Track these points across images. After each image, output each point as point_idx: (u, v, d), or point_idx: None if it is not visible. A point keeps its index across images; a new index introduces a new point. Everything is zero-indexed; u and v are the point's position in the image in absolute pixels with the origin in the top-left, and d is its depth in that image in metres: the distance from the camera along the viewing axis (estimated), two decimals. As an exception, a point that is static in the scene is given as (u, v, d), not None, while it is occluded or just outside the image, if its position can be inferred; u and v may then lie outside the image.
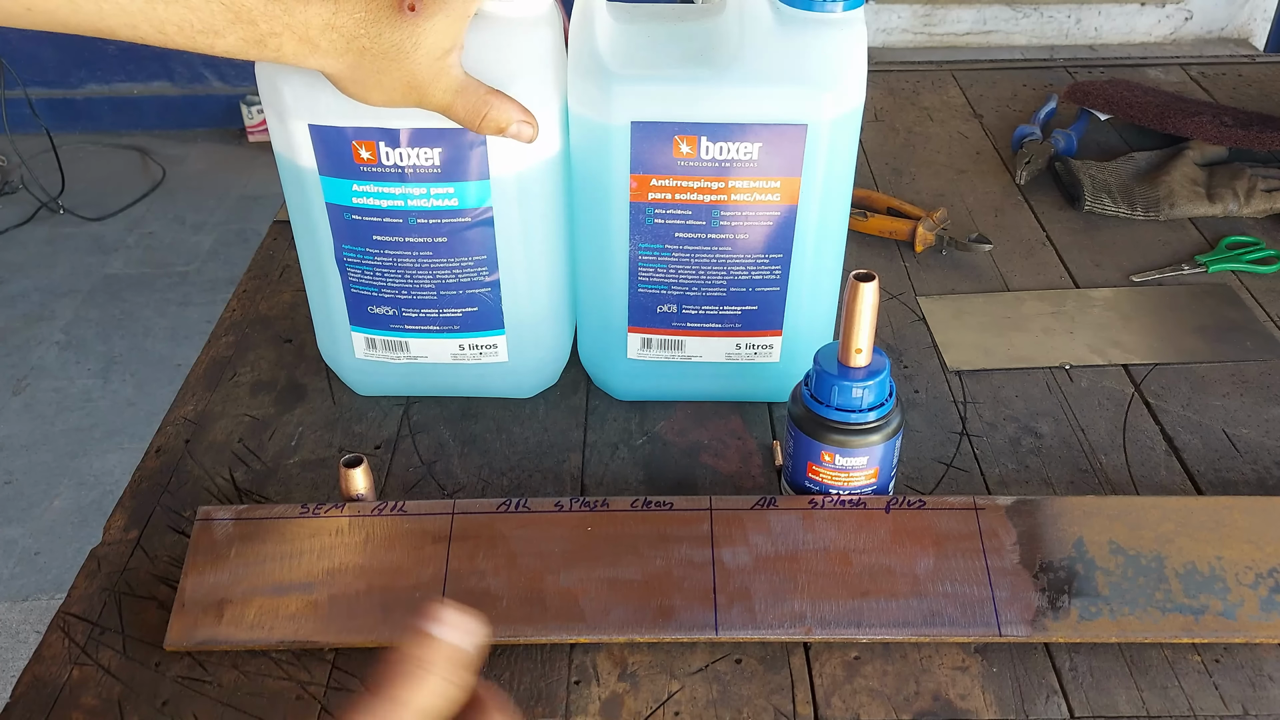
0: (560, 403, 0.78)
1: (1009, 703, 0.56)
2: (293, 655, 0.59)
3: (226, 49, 0.58)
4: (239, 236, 2.64)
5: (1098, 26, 2.71)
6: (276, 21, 0.57)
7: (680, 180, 0.66)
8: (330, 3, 0.58)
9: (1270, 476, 0.71)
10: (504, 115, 0.63)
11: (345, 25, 0.58)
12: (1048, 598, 0.59)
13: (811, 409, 0.62)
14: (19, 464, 2.00)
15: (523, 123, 0.64)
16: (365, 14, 0.58)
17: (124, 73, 3.04)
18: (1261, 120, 1.09)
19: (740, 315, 0.72)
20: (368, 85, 0.61)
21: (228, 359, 0.82)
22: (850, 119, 0.66)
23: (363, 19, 0.58)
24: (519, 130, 0.64)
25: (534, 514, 0.64)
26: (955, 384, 0.79)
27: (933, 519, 0.63)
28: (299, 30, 0.58)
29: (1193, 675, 0.58)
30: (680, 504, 0.64)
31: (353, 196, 0.67)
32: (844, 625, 0.59)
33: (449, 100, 0.62)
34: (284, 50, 0.59)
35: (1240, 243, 0.94)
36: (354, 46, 0.59)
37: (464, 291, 0.71)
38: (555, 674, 0.58)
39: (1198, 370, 0.80)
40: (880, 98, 1.24)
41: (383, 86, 0.61)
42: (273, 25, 0.57)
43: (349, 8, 0.58)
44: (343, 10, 0.58)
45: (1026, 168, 1.05)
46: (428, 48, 0.59)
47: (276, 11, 0.57)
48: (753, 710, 0.56)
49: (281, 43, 0.58)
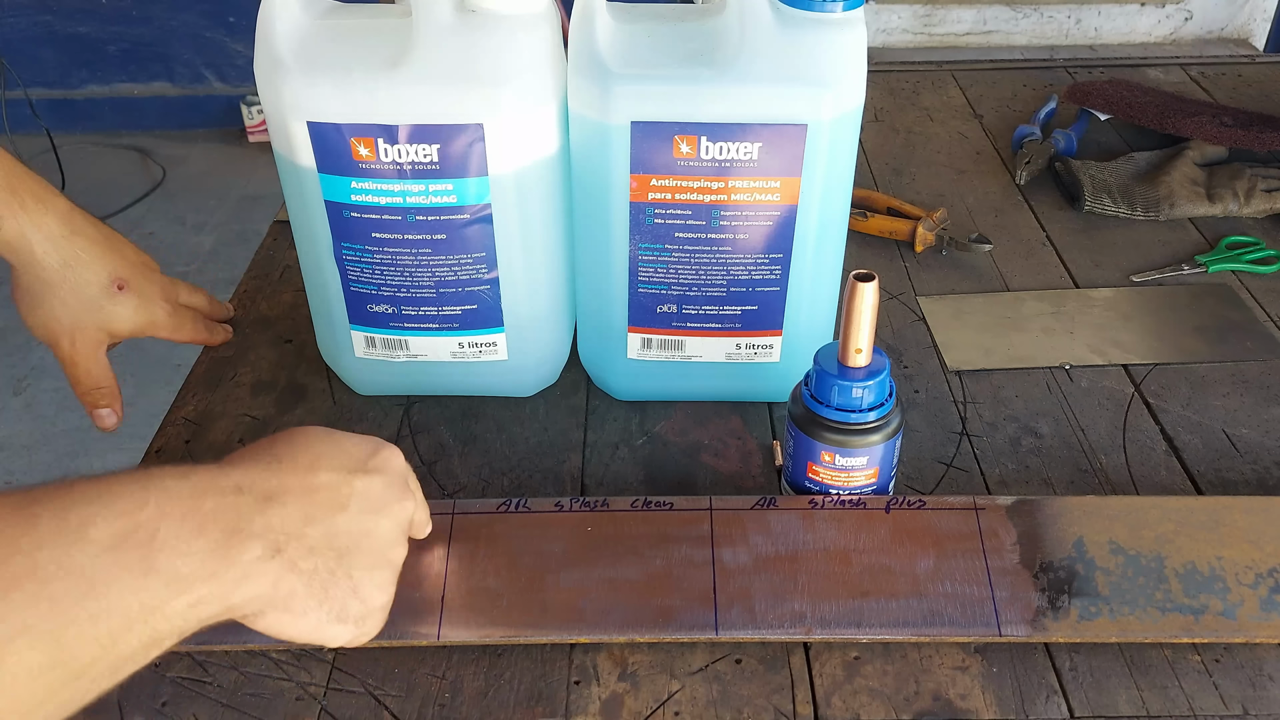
0: (560, 403, 0.78)
1: (1009, 703, 0.56)
2: (293, 655, 0.59)
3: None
4: (239, 237, 2.63)
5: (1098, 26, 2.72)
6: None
7: (680, 180, 0.66)
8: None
9: (1270, 476, 0.71)
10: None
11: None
12: (1048, 598, 0.59)
13: (811, 409, 0.62)
14: (19, 464, 2.00)
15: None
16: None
17: (124, 73, 3.04)
18: (1261, 120, 1.09)
19: (740, 315, 0.72)
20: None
21: (228, 359, 0.82)
22: (850, 119, 0.66)
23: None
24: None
25: (534, 514, 0.64)
26: (955, 384, 0.79)
27: (933, 519, 0.63)
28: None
29: (1193, 675, 0.58)
30: (680, 504, 0.64)
31: (351, 194, 0.67)
32: (844, 625, 0.59)
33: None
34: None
35: (1240, 243, 0.94)
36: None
37: (463, 289, 0.71)
38: (555, 674, 0.58)
39: (1198, 370, 0.80)
40: (880, 98, 1.24)
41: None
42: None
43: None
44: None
45: (1026, 168, 1.05)
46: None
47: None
48: (753, 710, 0.56)
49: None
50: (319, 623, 0.49)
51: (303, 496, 0.48)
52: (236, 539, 0.44)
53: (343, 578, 0.49)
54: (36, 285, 0.72)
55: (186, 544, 0.42)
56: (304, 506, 0.48)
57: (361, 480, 0.51)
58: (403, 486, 0.54)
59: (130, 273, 0.75)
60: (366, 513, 0.51)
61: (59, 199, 0.71)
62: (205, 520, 0.43)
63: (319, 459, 0.51)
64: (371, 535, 0.51)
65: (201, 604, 0.42)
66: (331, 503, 0.49)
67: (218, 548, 0.43)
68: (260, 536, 0.45)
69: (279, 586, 0.46)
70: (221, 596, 0.43)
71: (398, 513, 0.53)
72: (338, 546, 0.49)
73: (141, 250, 0.78)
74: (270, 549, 0.45)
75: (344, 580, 0.49)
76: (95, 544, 0.39)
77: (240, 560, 0.44)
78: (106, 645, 0.39)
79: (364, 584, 0.50)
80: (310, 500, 0.48)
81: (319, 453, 0.51)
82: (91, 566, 0.39)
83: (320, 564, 0.48)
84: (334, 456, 0.51)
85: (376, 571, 0.51)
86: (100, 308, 0.74)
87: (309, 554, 0.47)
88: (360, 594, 0.50)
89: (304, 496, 0.48)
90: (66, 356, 0.75)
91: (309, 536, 0.48)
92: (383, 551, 0.52)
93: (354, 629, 0.51)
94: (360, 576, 0.50)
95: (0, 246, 0.70)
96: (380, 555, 0.52)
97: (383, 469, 0.53)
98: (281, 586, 0.46)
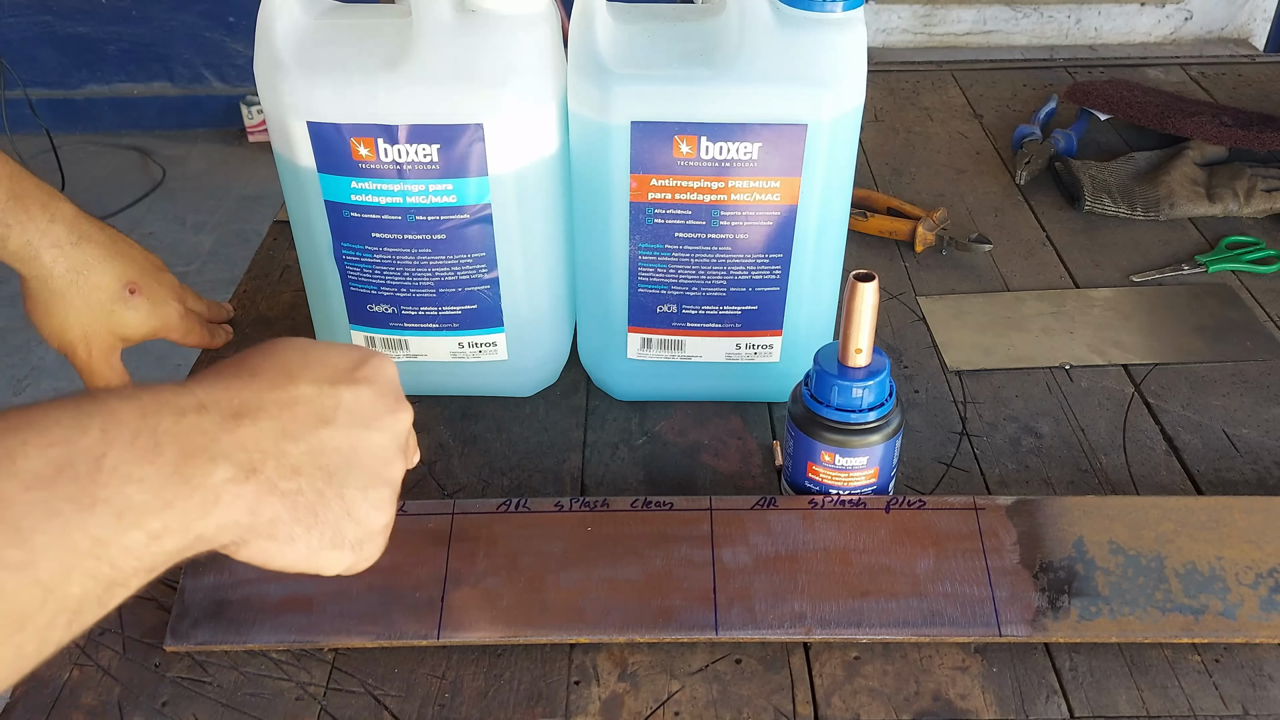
0: (560, 403, 0.78)
1: (1009, 703, 0.56)
2: (293, 655, 0.59)
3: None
4: (239, 237, 2.63)
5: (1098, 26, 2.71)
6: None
7: (680, 180, 0.66)
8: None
9: (1270, 476, 0.71)
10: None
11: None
12: (1048, 598, 0.59)
13: (811, 409, 0.62)
14: (19, 464, 2.00)
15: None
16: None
17: (124, 73, 3.04)
18: (1261, 120, 1.09)
19: (740, 315, 0.72)
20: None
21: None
22: (850, 119, 0.66)
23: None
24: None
25: (534, 514, 0.64)
26: (955, 384, 0.79)
27: (933, 519, 0.63)
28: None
29: (1193, 675, 0.58)
30: (680, 504, 0.64)
31: (351, 194, 0.67)
32: (844, 625, 0.59)
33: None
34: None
35: (1240, 243, 0.94)
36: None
37: (463, 289, 0.71)
38: (555, 674, 0.58)
39: (1198, 370, 0.80)
40: (880, 98, 1.24)
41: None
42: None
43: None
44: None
45: (1026, 168, 1.05)
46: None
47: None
48: (753, 710, 0.56)
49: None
50: (311, 549, 0.44)
51: (280, 411, 0.43)
52: (197, 461, 0.39)
53: (333, 499, 0.44)
54: (46, 294, 0.71)
55: (136, 469, 0.36)
56: (281, 421, 0.43)
57: (348, 391, 0.46)
58: (395, 397, 0.49)
59: (140, 276, 0.75)
60: (355, 426, 0.45)
61: (65, 205, 0.71)
62: (160, 441, 0.37)
63: (298, 371, 0.45)
64: (363, 450, 0.46)
65: (164, 536, 0.37)
66: (314, 416, 0.44)
67: (175, 472, 0.38)
68: (228, 457, 0.40)
69: (259, 511, 0.41)
70: (185, 527, 0.38)
71: (391, 425, 0.48)
72: (325, 465, 0.44)
73: (149, 251, 0.78)
74: (243, 470, 0.40)
75: (335, 501, 0.44)
76: (25, 477, 0.34)
77: (205, 484, 0.39)
78: (45, 593, 0.34)
79: (358, 504, 0.45)
80: (289, 414, 0.43)
81: (298, 363, 0.46)
82: (20, 503, 0.34)
83: (305, 484, 0.43)
84: (315, 367, 0.46)
85: (372, 490, 0.46)
86: (111, 313, 0.74)
87: (291, 474, 0.42)
88: (355, 515, 0.45)
89: (281, 410, 0.43)
90: (82, 363, 0.75)
91: (289, 454, 0.42)
92: (377, 469, 0.47)
93: (351, 554, 0.46)
94: (353, 496, 0.45)
95: (8, 257, 0.69)
96: (374, 472, 0.46)
97: (372, 379, 0.47)
98: (262, 511, 0.41)
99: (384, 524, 0.48)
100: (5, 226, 0.68)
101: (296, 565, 0.45)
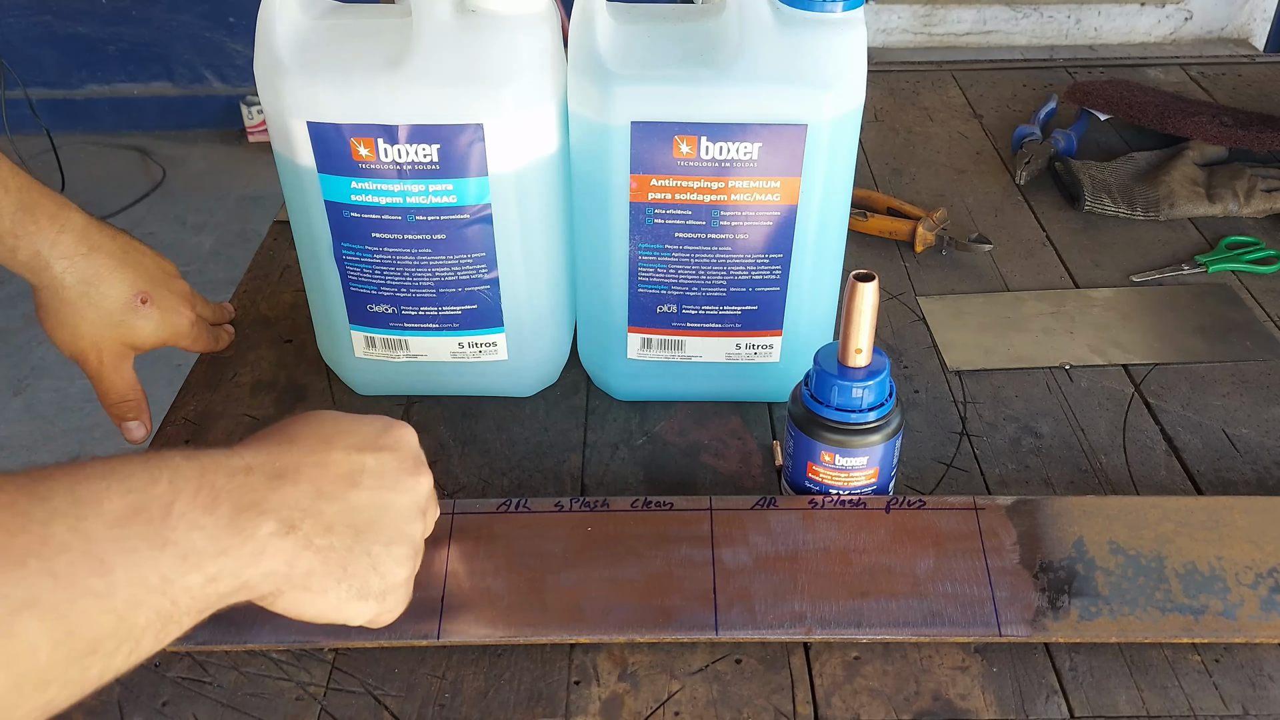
0: (560, 403, 0.78)
1: (1009, 703, 0.56)
2: (293, 656, 0.59)
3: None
4: (239, 237, 2.64)
5: (1098, 26, 2.71)
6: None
7: (680, 180, 0.66)
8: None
9: (1270, 476, 0.71)
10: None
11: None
12: (1048, 598, 0.59)
13: (811, 409, 0.62)
14: (19, 464, 1.98)
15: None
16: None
17: (124, 73, 3.04)
18: (1261, 120, 1.09)
19: (740, 315, 0.72)
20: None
21: (228, 359, 0.82)
22: (850, 119, 0.66)
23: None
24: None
25: (534, 514, 0.64)
26: (955, 384, 0.79)
27: (933, 519, 0.63)
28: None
29: (1193, 675, 0.58)
30: (680, 504, 0.64)
31: (351, 194, 0.67)
32: (844, 625, 0.59)
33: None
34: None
35: (1240, 243, 0.94)
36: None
37: (463, 289, 0.71)
38: (555, 674, 0.58)
39: (1198, 370, 0.80)
40: (880, 98, 1.24)
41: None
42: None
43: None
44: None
45: (1026, 168, 1.05)
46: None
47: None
48: (753, 710, 0.56)
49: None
50: (339, 601, 0.49)
51: (315, 473, 0.48)
52: (248, 515, 0.44)
53: (361, 554, 0.49)
54: (58, 304, 0.71)
55: (199, 518, 0.41)
56: (316, 483, 0.48)
57: (373, 457, 0.51)
58: (416, 463, 0.54)
59: (152, 285, 0.74)
60: (380, 489, 0.51)
61: (76, 215, 0.70)
62: (217, 496, 0.43)
63: (330, 438, 0.51)
64: (387, 511, 0.51)
65: (217, 580, 0.42)
66: (344, 479, 0.49)
67: (230, 523, 0.43)
68: (273, 513, 0.45)
69: (295, 564, 0.46)
70: (236, 572, 0.43)
71: (412, 488, 0.53)
72: (354, 523, 0.49)
73: (161, 256, 0.77)
74: (284, 525, 0.45)
75: (362, 556, 0.49)
76: (108, 517, 0.39)
77: (254, 535, 0.44)
78: (118, 621, 0.38)
79: (383, 560, 0.50)
80: (323, 477, 0.48)
81: (330, 432, 0.51)
82: (103, 539, 0.38)
83: (337, 541, 0.48)
84: (345, 435, 0.52)
85: (395, 546, 0.51)
86: (122, 322, 0.73)
87: (325, 531, 0.47)
88: (380, 570, 0.50)
89: (316, 473, 0.48)
90: (94, 372, 0.75)
91: (324, 513, 0.47)
92: (400, 526, 0.52)
93: (376, 606, 0.51)
94: (379, 552, 0.50)
95: (19, 268, 0.69)
96: (397, 530, 0.52)
97: (395, 446, 0.53)
98: (298, 564, 0.46)
99: (405, 578, 0.53)
100: (15, 238, 0.68)
101: (326, 615, 0.49)
